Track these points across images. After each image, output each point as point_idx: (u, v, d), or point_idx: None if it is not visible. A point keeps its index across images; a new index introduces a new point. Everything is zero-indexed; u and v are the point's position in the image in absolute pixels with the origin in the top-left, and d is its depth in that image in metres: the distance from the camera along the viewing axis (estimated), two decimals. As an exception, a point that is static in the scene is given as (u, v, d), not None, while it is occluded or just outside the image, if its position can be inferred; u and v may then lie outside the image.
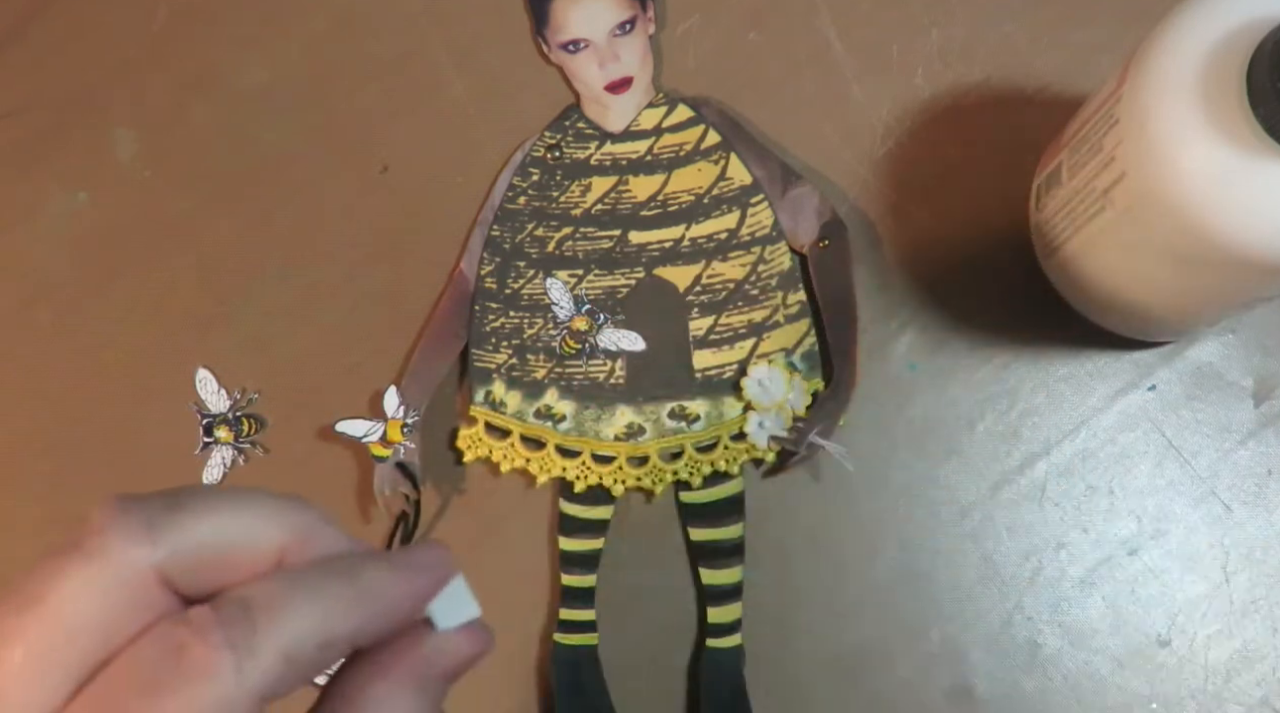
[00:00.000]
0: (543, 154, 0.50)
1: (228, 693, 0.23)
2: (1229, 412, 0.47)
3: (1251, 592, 0.46)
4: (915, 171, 0.49)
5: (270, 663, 0.24)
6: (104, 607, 0.24)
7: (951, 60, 0.49)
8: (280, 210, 0.50)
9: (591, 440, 0.48)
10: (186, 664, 0.23)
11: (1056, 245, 0.44)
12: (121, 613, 0.24)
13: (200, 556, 0.24)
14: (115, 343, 0.50)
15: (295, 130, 0.51)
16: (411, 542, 0.47)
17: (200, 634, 0.23)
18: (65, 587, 0.24)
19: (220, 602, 0.24)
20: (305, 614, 0.25)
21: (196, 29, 0.52)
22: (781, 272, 0.48)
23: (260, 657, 0.24)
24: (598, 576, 0.47)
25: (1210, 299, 0.41)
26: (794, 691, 0.46)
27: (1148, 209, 0.37)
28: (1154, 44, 0.35)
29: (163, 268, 0.50)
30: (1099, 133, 0.39)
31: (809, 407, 0.47)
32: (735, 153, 0.49)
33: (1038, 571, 0.46)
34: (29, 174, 0.51)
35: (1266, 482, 0.46)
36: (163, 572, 0.24)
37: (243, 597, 0.24)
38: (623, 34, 0.49)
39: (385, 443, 0.47)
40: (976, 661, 0.46)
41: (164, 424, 0.49)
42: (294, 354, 0.49)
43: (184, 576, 0.24)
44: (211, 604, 0.24)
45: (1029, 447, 0.47)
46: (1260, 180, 0.34)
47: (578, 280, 0.49)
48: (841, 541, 0.47)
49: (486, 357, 0.48)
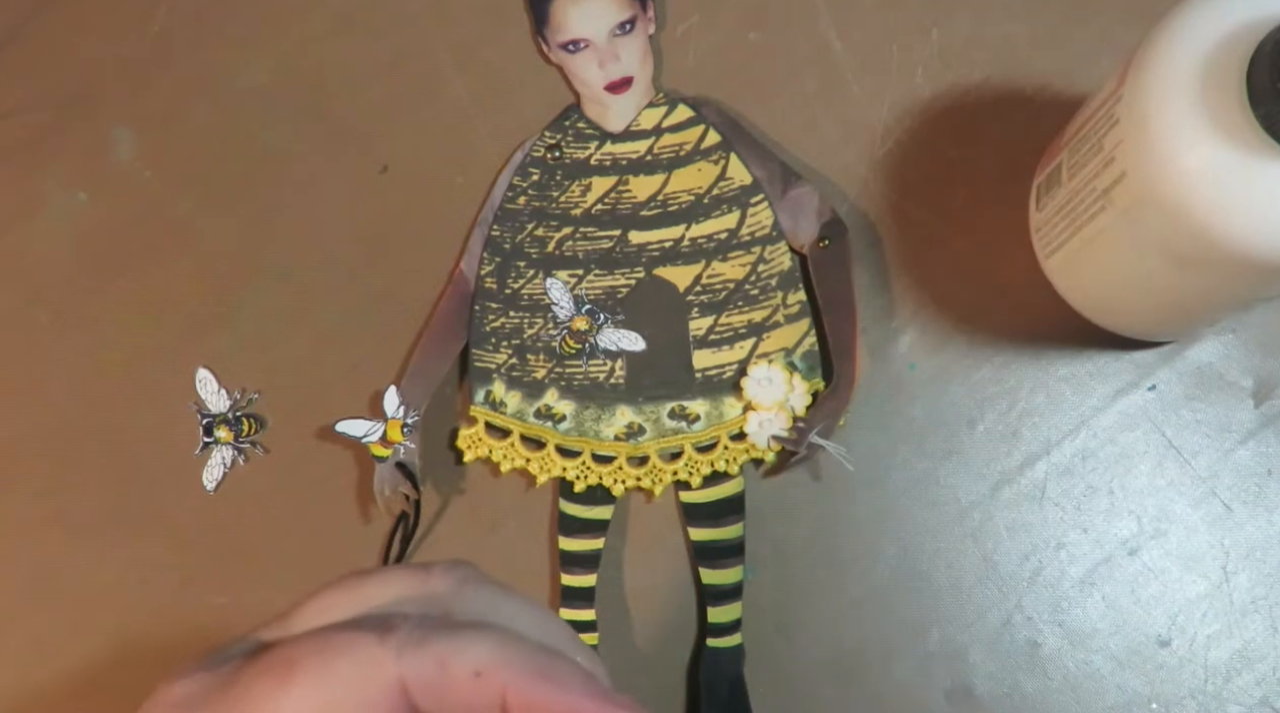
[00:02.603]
0: (543, 154, 0.50)
1: (373, 656, 0.26)
2: (1229, 412, 0.47)
3: (1251, 592, 0.46)
4: (915, 171, 0.49)
5: (428, 656, 0.26)
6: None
7: (951, 60, 0.49)
8: (280, 210, 0.50)
9: (591, 440, 0.48)
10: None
11: (1056, 245, 0.44)
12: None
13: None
14: (115, 343, 0.50)
15: (295, 130, 0.51)
16: (411, 542, 0.47)
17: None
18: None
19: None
20: (487, 641, 0.26)
21: (196, 29, 0.52)
22: (781, 272, 0.48)
23: (422, 649, 0.26)
24: (598, 575, 0.47)
25: (1210, 299, 0.41)
26: (794, 691, 0.46)
27: (1148, 209, 0.37)
28: (1154, 44, 0.35)
29: (163, 268, 0.50)
30: (1099, 133, 0.39)
31: (809, 407, 0.47)
32: (735, 153, 0.49)
33: (1038, 571, 0.46)
34: (29, 174, 0.51)
35: (1266, 482, 0.46)
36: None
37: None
38: (623, 34, 0.49)
39: (385, 443, 0.47)
40: (976, 661, 0.46)
41: (164, 424, 0.49)
42: (294, 354, 0.49)
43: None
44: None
45: (1029, 447, 0.47)
46: (1260, 180, 0.34)
47: (578, 280, 0.49)
48: (841, 541, 0.47)
49: (486, 357, 0.48)
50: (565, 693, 0.26)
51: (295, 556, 0.48)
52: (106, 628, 0.48)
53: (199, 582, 0.48)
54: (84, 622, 0.48)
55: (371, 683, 0.26)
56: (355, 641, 0.27)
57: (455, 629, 0.27)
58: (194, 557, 0.48)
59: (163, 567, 0.48)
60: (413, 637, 0.26)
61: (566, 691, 0.26)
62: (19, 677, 0.48)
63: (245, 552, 0.48)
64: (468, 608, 0.28)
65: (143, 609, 0.48)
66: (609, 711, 0.26)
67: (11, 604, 0.48)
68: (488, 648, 0.26)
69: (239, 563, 0.48)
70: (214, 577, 0.48)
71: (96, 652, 0.48)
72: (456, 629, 0.27)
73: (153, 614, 0.48)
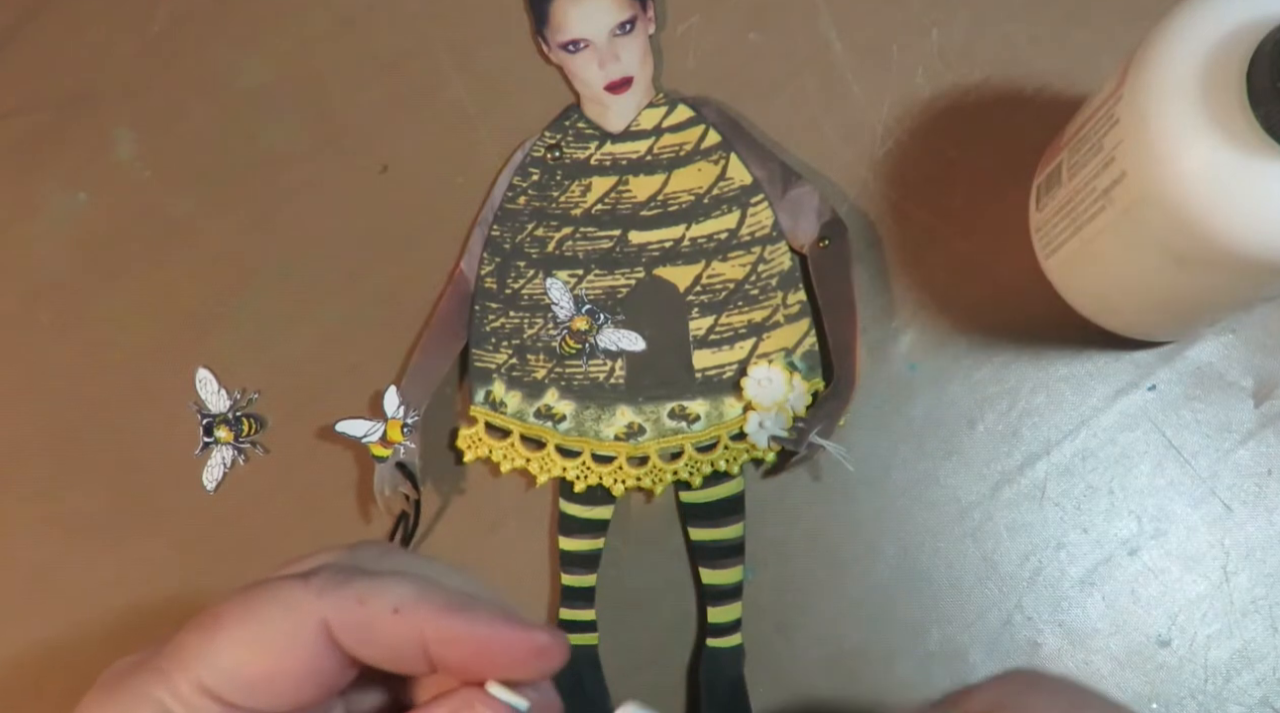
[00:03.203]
0: (543, 154, 0.50)
1: (295, 597, 0.28)
2: (1229, 412, 0.47)
3: (1251, 592, 0.46)
4: (915, 171, 0.49)
5: (348, 594, 0.28)
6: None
7: (951, 60, 0.49)
8: (280, 210, 0.50)
9: (591, 440, 0.48)
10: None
11: (1056, 245, 0.44)
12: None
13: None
14: (115, 343, 0.50)
15: (295, 130, 0.51)
16: (411, 542, 0.47)
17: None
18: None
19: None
20: (405, 584, 0.28)
21: (196, 29, 0.52)
22: (781, 272, 0.48)
23: (341, 589, 0.28)
24: (598, 575, 0.47)
25: (1210, 299, 0.41)
26: (794, 691, 0.46)
27: (1148, 209, 0.37)
28: (1154, 44, 0.35)
29: (163, 268, 0.50)
30: (1099, 133, 0.39)
31: (809, 407, 0.47)
32: (735, 153, 0.49)
33: (1038, 571, 0.46)
34: (29, 174, 0.51)
35: (1266, 482, 0.46)
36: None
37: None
38: (623, 34, 0.49)
39: (385, 443, 0.47)
40: (976, 661, 0.46)
41: (164, 424, 0.49)
42: (294, 354, 0.49)
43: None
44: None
45: (1029, 447, 0.47)
46: (1260, 180, 0.34)
47: (578, 280, 0.49)
48: (841, 541, 0.47)
49: (486, 357, 0.48)
50: (484, 624, 0.28)
51: (295, 555, 0.48)
52: (106, 628, 0.48)
53: (199, 582, 0.48)
54: (84, 622, 0.48)
55: (294, 620, 0.28)
56: (277, 585, 0.29)
57: (374, 575, 0.29)
58: (194, 557, 0.48)
59: (163, 567, 0.48)
60: (334, 579, 0.29)
61: (485, 622, 0.28)
62: (19, 677, 0.48)
63: (245, 552, 0.48)
64: (385, 564, 0.30)
65: (143, 609, 0.48)
66: (525, 633, 0.28)
67: (11, 604, 0.48)
68: (405, 588, 0.28)
69: (239, 563, 0.48)
70: (214, 577, 0.48)
71: (96, 652, 0.48)
72: (375, 575, 0.29)
73: (153, 614, 0.48)
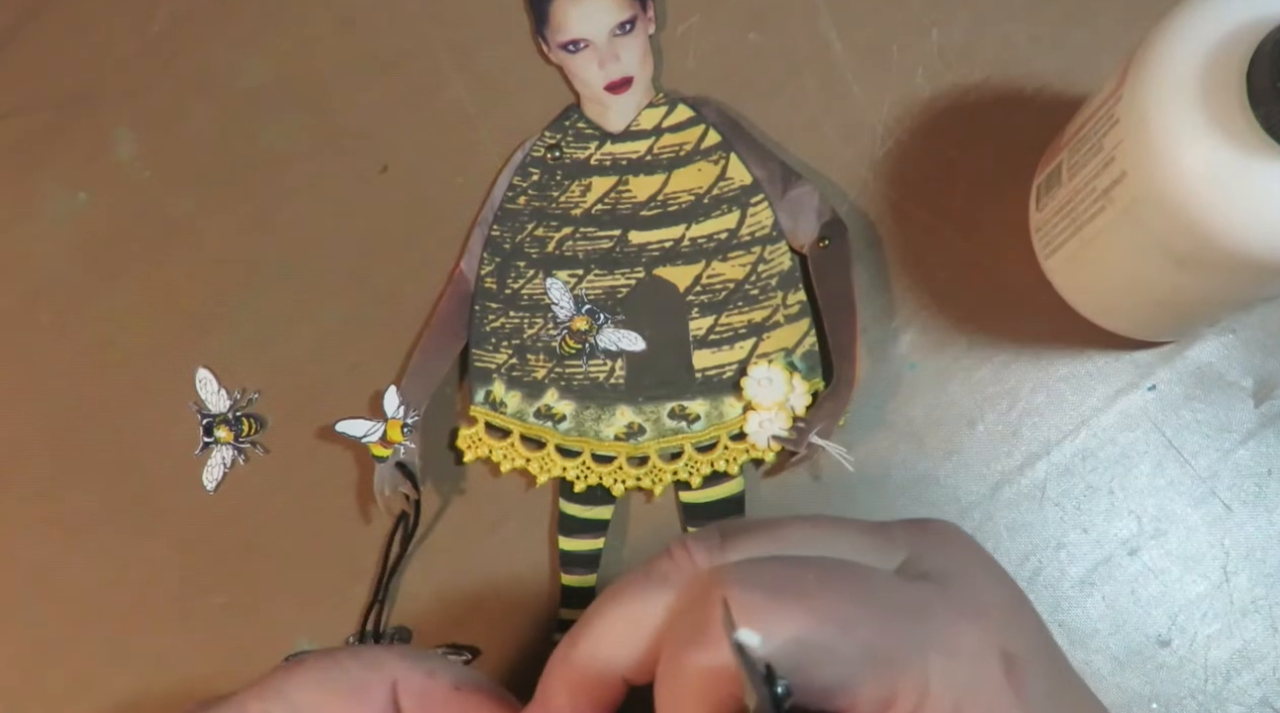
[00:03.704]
0: (543, 154, 0.50)
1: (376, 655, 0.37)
2: (1229, 412, 0.47)
3: (1251, 592, 0.46)
4: (915, 171, 0.49)
5: (420, 665, 0.37)
6: None
7: (951, 60, 0.49)
8: (280, 210, 0.50)
9: (591, 440, 0.48)
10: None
11: (1056, 245, 0.44)
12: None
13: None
14: (115, 343, 0.50)
15: (295, 130, 0.51)
16: (411, 542, 0.47)
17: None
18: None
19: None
20: (469, 671, 0.39)
21: (196, 29, 0.52)
22: (781, 272, 0.48)
23: (417, 660, 0.37)
24: (598, 576, 0.47)
25: (1210, 299, 0.41)
26: (794, 691, 0.46)
27: (1148, 209, 0.37)
28: (1154, 44, 0.35)
29: (163, 268, 0.50)
30: (1099, 133, 0.39)
31: (809, 407, 0.47)
32: (735, 153, 0.49)
33: (1038, 571, 0.46)
34: (29, 174, 0.51)
35: (1266, 482, 0.46)
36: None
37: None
38: (623, 34, 0.49)
39: (385, 443, 0.47)
40: (976, 661, 0.46)
41: (164, 424, 0.49)
42: (294, 354, 0.49)
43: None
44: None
45: (1029, 447, 0.47)
46: (1260, 180, 0.34)
47: (578, 280, 0.49)
48: (841, 540, 0.47)
49: (486, 357, 0.48)
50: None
51: (295, 556, 0.48)
52: (106, 628, 0.48)
53: (199, 582, 0.48)
54: (84, 622, 0.48)
55: (369, 674, 0.35)
56: (361, 645, 0.37)
57: (444, 659, 0.37)
58: (194, 557, 0.48)
59: (163, 567, 0.48)
60: (411, 651, 0.37)
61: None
62: (19, 677, 0.48)
63: (245, 552, 0.48)
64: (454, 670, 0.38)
65: (143, 609, 0.48)
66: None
67: (11, 604, 0.48)
68: (469, 673, 0.37)
69: (239, 563, 0.48)
70: (214, 577, 0.48)
71: (96, 652, 0.48)
72: (445, 659, 0.37)
73: (153, 614, 0.48)
